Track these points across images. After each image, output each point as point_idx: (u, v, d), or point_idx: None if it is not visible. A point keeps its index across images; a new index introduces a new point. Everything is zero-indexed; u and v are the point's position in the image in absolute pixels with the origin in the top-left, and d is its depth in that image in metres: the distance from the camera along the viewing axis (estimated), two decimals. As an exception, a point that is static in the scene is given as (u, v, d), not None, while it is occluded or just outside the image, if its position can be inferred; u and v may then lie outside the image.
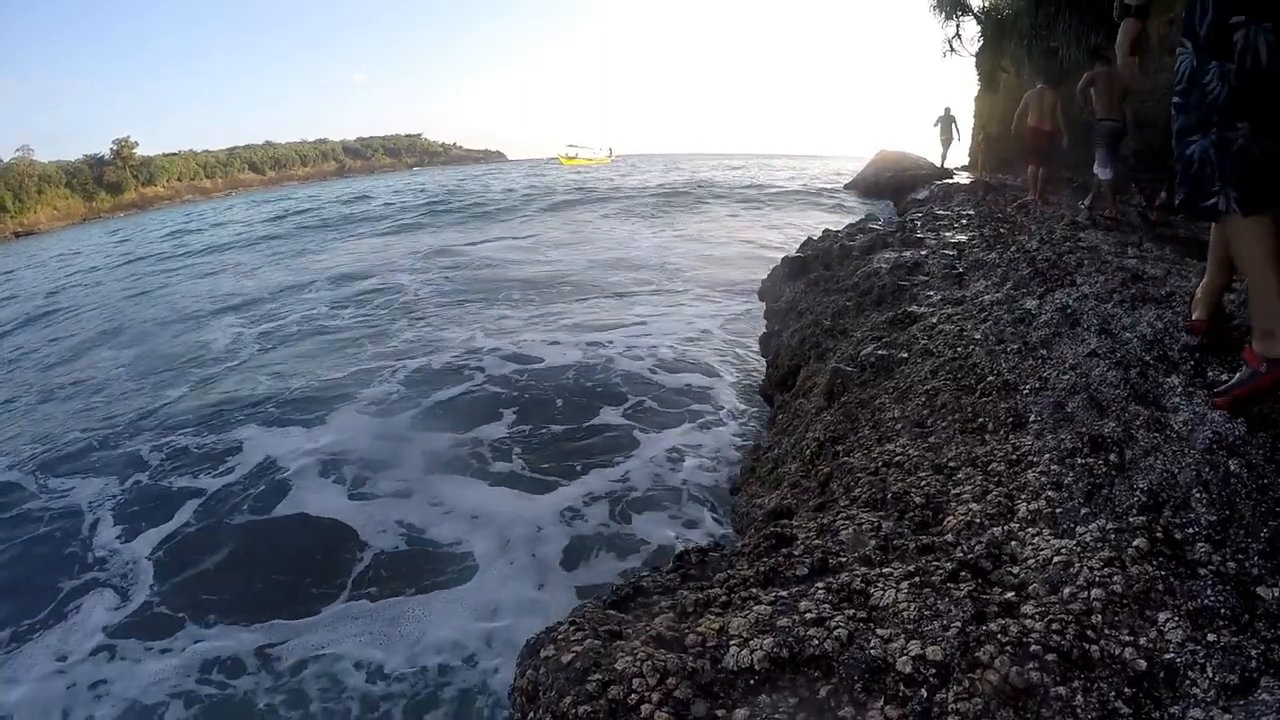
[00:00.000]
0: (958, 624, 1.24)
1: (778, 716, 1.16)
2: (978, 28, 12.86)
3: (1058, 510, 1.59)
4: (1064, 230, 4.81)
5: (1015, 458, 1.88)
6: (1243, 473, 1.48)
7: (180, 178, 60.64)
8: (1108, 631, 1.20)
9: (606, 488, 3.87)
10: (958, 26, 13.29)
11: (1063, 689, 1.10)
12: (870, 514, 1.86)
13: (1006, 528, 1.59)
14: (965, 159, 15.43)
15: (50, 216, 47.26)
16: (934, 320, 3.32)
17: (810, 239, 6.99)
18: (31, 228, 44.22)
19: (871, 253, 5.44)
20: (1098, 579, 1.31)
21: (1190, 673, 1.11)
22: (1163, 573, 1.30)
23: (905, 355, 3.00)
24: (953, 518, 1.71)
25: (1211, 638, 1.15)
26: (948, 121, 14.01)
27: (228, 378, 6.72)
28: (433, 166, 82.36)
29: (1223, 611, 1.19)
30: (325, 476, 4.33)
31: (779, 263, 6.46)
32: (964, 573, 1.44)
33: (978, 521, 1.65)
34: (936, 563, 1.50)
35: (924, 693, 1.14)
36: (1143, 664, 1.13)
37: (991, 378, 2.41)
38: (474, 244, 14.25)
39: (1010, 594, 1.35)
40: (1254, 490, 1.43)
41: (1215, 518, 1.40)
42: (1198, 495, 1.46)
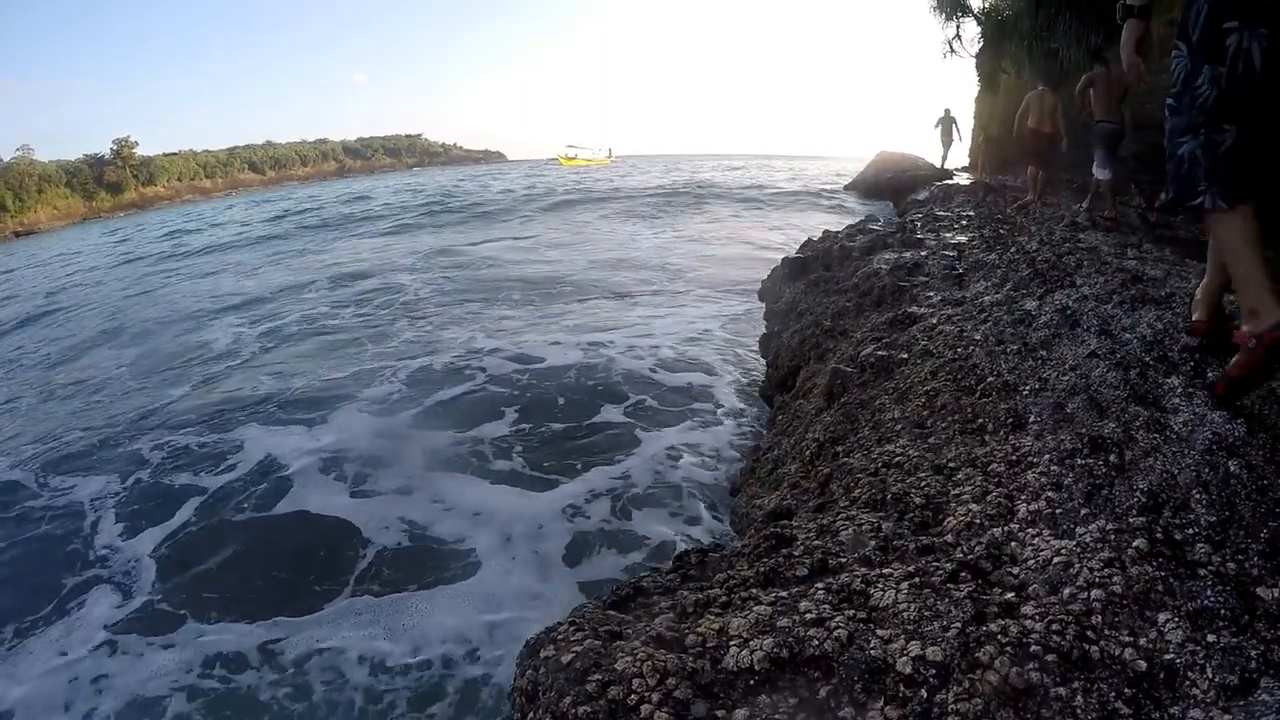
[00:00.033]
0: (958, 624, 1.25)
1: (778, 717, 1.16)
2: (978, 29, 12.87)
3: (1058, 511, 1.59)
4: (1064, 231, 4.81)
5: (1015, 458, 1.88)
6: (1242, 474, 1.48)
7: (180, 178, 60.66)
8: (1108, 632, 1.20)
9: (608, 485, 3.89)
10: (958, 27, 13.31)
11: (1063, 689, 1.10)
12: (870, 515, 1.86)
13: (1006, 528, 1.59)
14: (965, 160, 15.43)
15: (50, 216, 47.26)
16: (934, 321, 3.32)
17: (810, 240, 6.98)
18: (32, 227, 44.23)
19: (871, 253, 5.43)
20: (1098, 580, 1.31)
21: (1190, 673, 1.11)
22: (1162, 573, 1.30)
23: (905, 356, 2.99)
24: (953, 518, 1.71)
25: (1211, 638, 1.15)
26: (948, 123, 14.00)
27: (229, 377, 6.72)
28: (433, 167, 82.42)
29: (1223, 612, 1.19)
30: (327, 475, 4.33)
31: (779, 263, 6.46)
32: (964, 573, 1.44)
33: (978, 522, 1.65)
34: (936, 563, 1.50)
35: (924, 693, 1.14)
36: (1143, 664, 1.13)
37: (991, 379, 2.41)
38: (474, 244, 14.26)
39: (1010, 594, 1.35)
40: (1254, 491, 1.43)
41: (1215, 518, 1.40)
42: (1197, 496, 1.46)
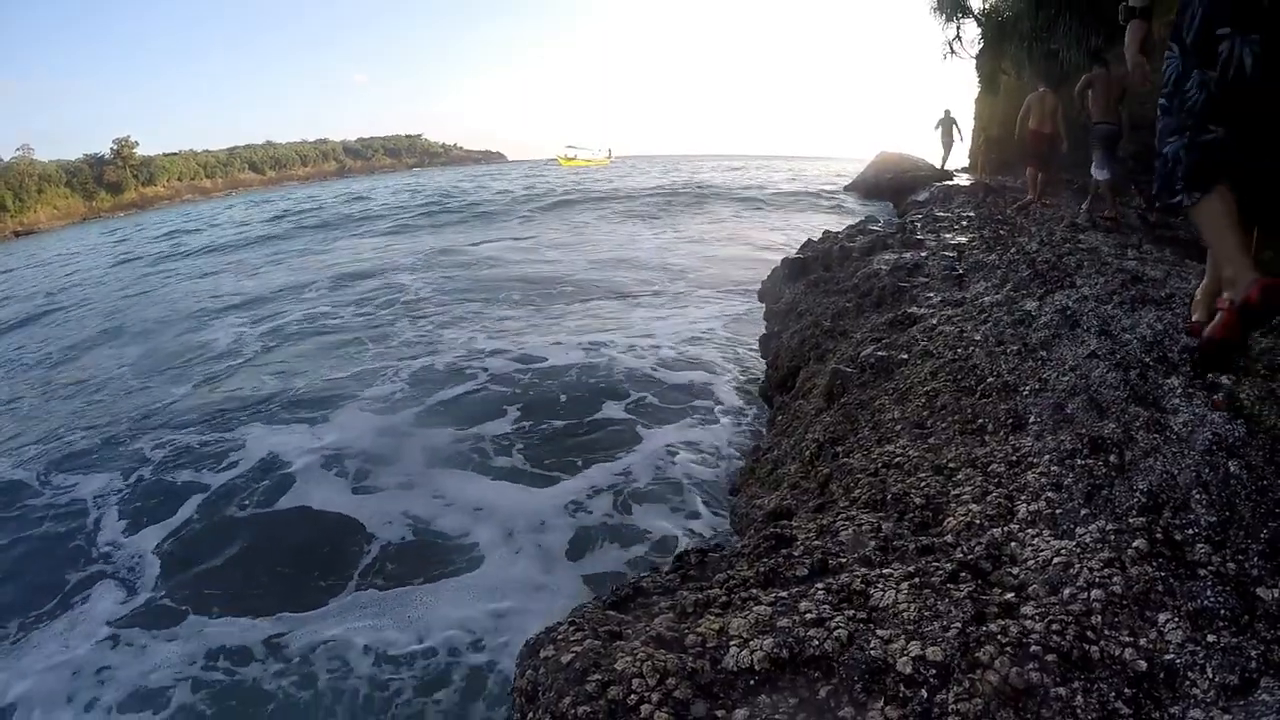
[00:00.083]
0: (958, 625, 1.25)
1: (778, 717, 1.16)
2: (978, 30, 12.85)
3: (1057, 511, 1.59)
4: (1064, 232, 4.81)
5: (1015, 459, 1.88)
6: (1242, 474, 1.48)
7: (180, 177, 60.62)
8: (1108, 632, 1.20)
9: (609, 481, 3.94)
10: (958, 28, 13.28)
11: (1063, 689, 1.10)
12: (870, 515, 1.86)
13: (1006, 529, 1.59)
14: (965, 161, 15.42)
15: (50, 216, 47.24)
16: (934, 322, 3.32)
17: (810, 240, 6.98)
18: (31, 227, 44.21)
19: (871, 254, 5.44)
20: (1098, 580, 1.31)
21: (1190, 673, 1.11)
22: (1162, 574, 1.30)
23: (905, 356, 2.99)
24: (953, 519, 1.71)
25: (1211, 638, 1.15)
26: (948, 124, 13.98)
27: (230, 376, 6.72)
28: (433, 167, 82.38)
29: (1222, 612, 1.19)
30: (330, 472, 4.35)
31: (779, 264, 6.46)
32: (964, 573, 1.44)
33: (978, 522, 1.65)
34: (936, 563, 1.50)
35: (924, 693, 1.14)
36: (1143, 664, 1.13)
37: (991, 379, 2.41)
38: (475, 244, 14.26)
39: (1010, 595, 1.35)
40: (1253, 491, 1.43)
41: (1215, 519, 1.40)
42: (1197, 496, 1.46)
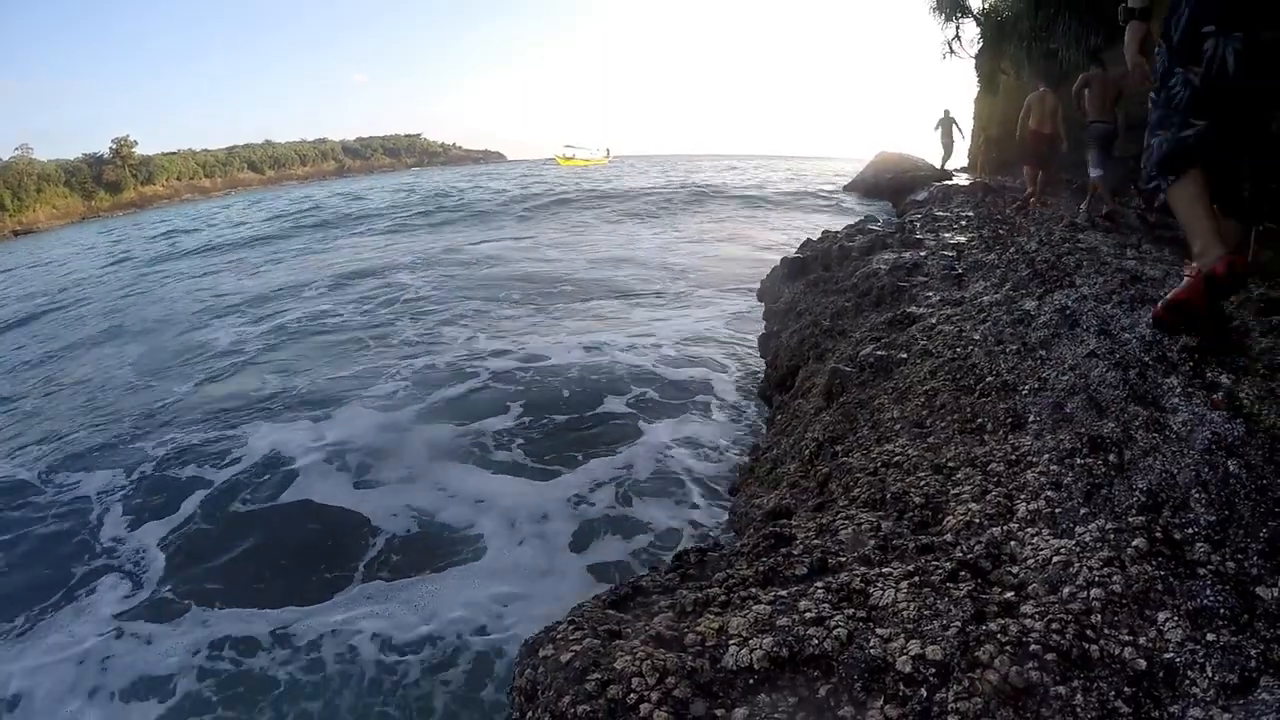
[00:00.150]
0: (957, 623, 1.24)
1: (777, 716, 1.16)
2: (977, 29, 12.86)
3: (1057, 510, 1.59)
4: (1063, 232, 4.81)
5: (1014, 458, 1.88)
6: (1242, 473, 1.48)
7: (179, 177, 60.60)
8: (1107, 631, 1.20)
9: (611, 474, 4.01)
10: (958, 28, 13.29)
11: (1062, 688, 1.10)
12: (869, 514, 1.86)
13: (1006, 528, 1.59)
14: (965, 160, 15.42)
15: (49, 215, 47.22)
16: (933, 321, 3.32)
17: (809, 240, 6.98)
18: (30, 226, 44.19)
19: (871, 254, 5.44)
20: (1097, 579, 1.31)
21: (1190, 672, 1.11)
22: (1162, 573, 1.30)
23: (904, 356, 2.99)
24: (952, 518, 1.70)
25: (1211, 637, 1.15)
26: (948, 124, 13.97)
27: (231, 375, 6.73)
28: (432, 167, 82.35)
29: (1222, 611, 1.19)
30: (334, 467, 4.37)
31: (778, 263, 6.46)
32: (963, 572, 1.44)
33: (977, 521, 1.65)
34: (936, 562, 1.50)
35: (924, 692, 1.14)
36: (1142, 663, 1.13)
37: (990, 378, 2.41)
38: (475, 244, 14.24)
39: (1010, 594, 1.35)
40: (1253, 490, 1.43)
41: (1214, 518, 1.40)
42: (1197, 495, 1.46)
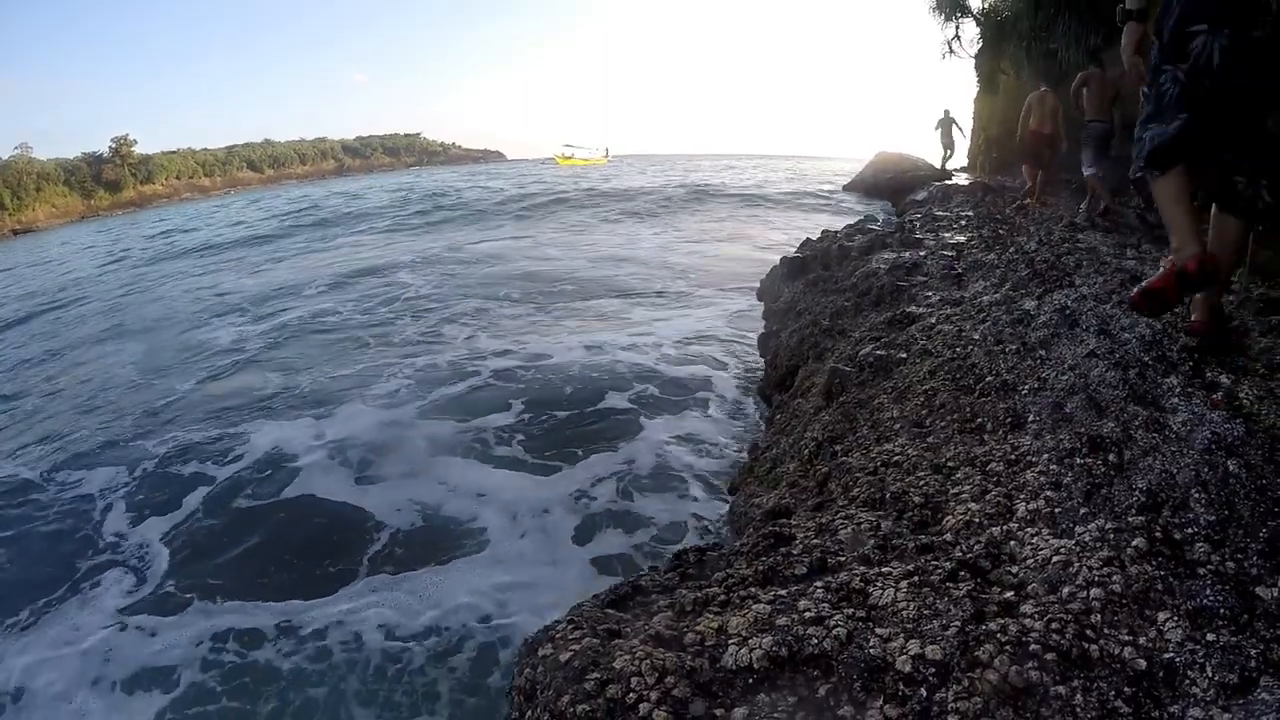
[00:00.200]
0: (957, 623, 1.24)
1: (777, 715, 1.16)
2: (977, 29, 12.85)
3: (1057, 510, 1.59)
4: (1062, 232, 4.81)
5: (1014, 458, 1.88)
6: (1241, 473, 1.48)
7: (179, 176, 60.49)
8: (1107, 631, 1.20)
9: (612, 469, 4.06)
10: (957, 28, 13.28)
11: (1062, 688, 1.10)
12: (869, 513, 1.86)
13: (1005, 527, 1.59)
14: (964, 160, 15.41)
15: (49, 214, 47.15)
16: (932, 321, 3.32)
17: (809, 239, 6.98)
18: (30, 225, 44.12)
19: (870, 253, 5.43)
20: (1097, 578, 1.31)
21: (1190, 672, 1.11)
22: (1162, 572, 1.30)
23: (904, 355, 2.99)
24: (952, 517, 1.70)
25: (1211, 637, 1.15)
26: (948, 124, 13.95)
27: (233, 373, 6.74)
28: (432, 166, 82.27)
29: (1222, 611, 1.19)
30: (337, 465, 4.39)
31: (778, 263, 6.46)
32: (963, 572, 1.43)
33: (977, 521, 1.65)
34: (935, 562, 1.50)
35: (923, 692, 1.14)
36: (1142, 663, 1.13)
37: (990, 378, 2.41)
38: (474, 243, 14.23)
39: (1009, 593, 1.35)
40: (1253, 490, 1.43)
41: (1214, 518, 1.40)
42: (1196, 495, 1.46)
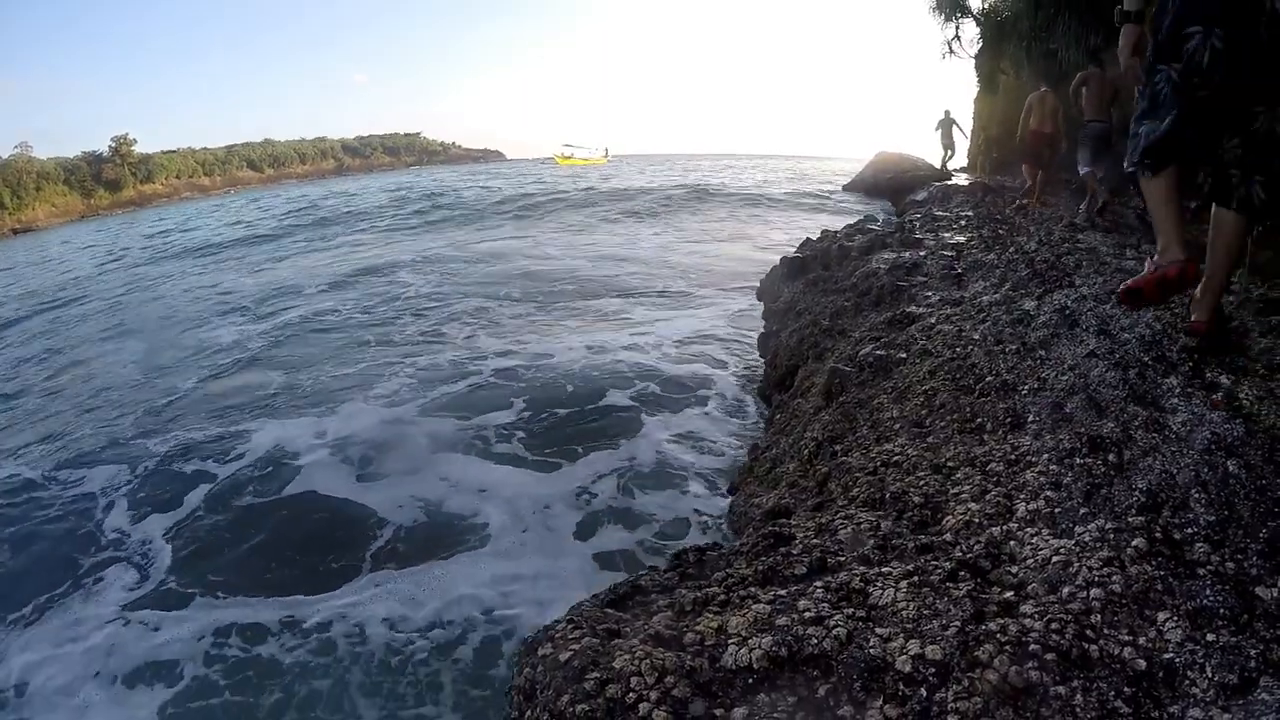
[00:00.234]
0: (957, 623, 1.24)
1: (776, 715, 1.16)
2: (977, 29, 12.85)
3: (1056, 510, 1.59)
4: (1062, 232, 4.81)
5: (1014, 458, 1.88)
6: (1241, 473, 1.48)
7: (179, 175, 60.44)
8: (1107, 631, 1.20)
9: (613, 466, 4.09)
10: (957, 28, 13.27)
11: (1062, 688, 1.10)
12: (869, 513, 1.86)
13: (1005, 527, 1.59)
14: (964, 160, 15.41)
15: (48, 213, 47.12)
16: (932, 321, 3.32)
17: (809, 239, 6.97)
18: (30, 224, 44.09)
19: (870, 253, 5.43)
20: (1097, 579, 1.31)
21: (1189, 672, 1.11)
22: (1162, 573, 1.30)
23: (904, 355, 2.99)
24: (951, 517, 1.70)
25: (1210, 637, 1.15)
26: (948, 124, 13.95)
27: (234, 372, 6.74)
28: (432, 165, 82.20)
29: (1222, 611, 1.19)
30: (339, 462, 4.39)
31: (778, 263, 6.46)
32: (963, 572, 1.43)
33: (976, 521, 1.65)
34: (935, 562, 1.50)
35: (923, 692, 1.14)
36: (1142, 664, 1.13)
37: (990, 378, 2.41)
38: (474, 242, 14.23)
39: (1009, 593, 1.35)
40: (1252, 491, 1.43)
41: (1214, 518, 1.40)
42: (1196, 495, 1.46)
